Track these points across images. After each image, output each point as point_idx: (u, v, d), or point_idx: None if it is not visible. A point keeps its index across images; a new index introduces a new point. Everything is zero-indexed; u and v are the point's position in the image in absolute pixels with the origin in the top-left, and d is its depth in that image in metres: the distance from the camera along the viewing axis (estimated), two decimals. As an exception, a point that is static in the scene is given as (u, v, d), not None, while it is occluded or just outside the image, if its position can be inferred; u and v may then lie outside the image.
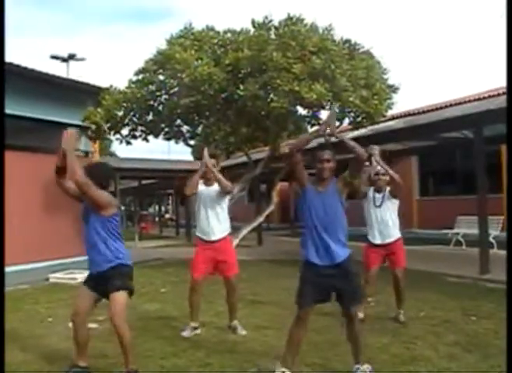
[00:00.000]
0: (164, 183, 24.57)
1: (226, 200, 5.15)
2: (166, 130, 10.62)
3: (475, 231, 9.15)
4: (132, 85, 9.84)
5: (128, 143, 10.56)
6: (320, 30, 9.11)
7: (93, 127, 9.83)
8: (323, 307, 3.94)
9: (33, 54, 56.17)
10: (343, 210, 3.68)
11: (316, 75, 8.37)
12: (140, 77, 9.91)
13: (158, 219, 30.13)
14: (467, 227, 11.94)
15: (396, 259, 5.33)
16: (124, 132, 10.44)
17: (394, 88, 9.84)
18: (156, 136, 10.63)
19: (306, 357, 4.11)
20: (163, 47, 9.64)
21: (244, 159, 11.85)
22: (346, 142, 3.60)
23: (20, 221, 8.37)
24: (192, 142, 11.14)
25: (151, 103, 10.03)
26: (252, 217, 11.89)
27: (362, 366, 3.63)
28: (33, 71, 8.73)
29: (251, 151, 12.54)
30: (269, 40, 8.78)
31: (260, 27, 9.08)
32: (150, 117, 10.25)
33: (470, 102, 12.63)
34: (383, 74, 9.72)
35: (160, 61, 9.52)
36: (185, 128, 10.88)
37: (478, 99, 12.51)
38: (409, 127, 10.28)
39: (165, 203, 41.99)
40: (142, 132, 10.53)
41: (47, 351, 4.43)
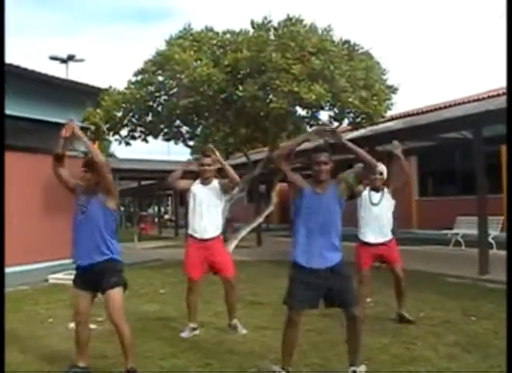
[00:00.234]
0: (163, 183, 24.58)
1: (223, 199, 5.14)
2: (166, 130, 10.62)
3: (475, 231, 9.16)
4: (131, 86, 9.85)
5: (127, 144, 10.56)
6: (319, 31, 9.13)
7: (92, 127, 9.83)
8: (323, 307, 3.93)
9: (32, 54, 56.25)
10: (340, 213, 3.65)
11: (315, 76, 8.38)
12: (139, 78, 9.92)
13: (157, 220, 30.10)
14: (466, 227, 11.94)
15: (392, 258, 5.29)
16: (124, 133, 10.45)
17: (393, 89, 9.85)
18: (155, 137, 10.63)
19: (306, 357, 4.11)
20: (162, 47, 9.65)
21: (243, 160, 11.86)
22: (355, 151, 3.55)
23: (20, 221, 8.37)
24: (191, 143, 11.14)
25: (150, 104, 10.03)
26: (251, 218, 11.89)
27: (357, 368, 3.61)
28: (32, 72, 8.73)
29: (250, 152, 12.54)
30: (268, 41, 8.80)
31: (259, 28, 9.09)
32: (149, 118, 10.26)
33: (469, 102, 12.65)
34: (382, 75, 9.73)
35: (159, 62, 9.52)
36: (184, 129, 10.88)
37: (478, 100, 12.52)
38: (409, 128, 10.29)
39: (164, 204, 41.99)
40: (142, 133, 10.53)
41: (47, 352, 4.43)
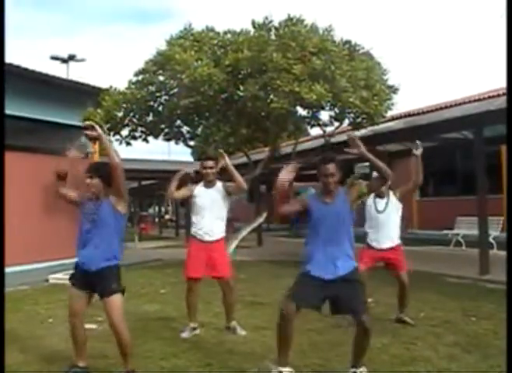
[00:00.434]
0: (164, 183, 24.54)
1: (228, 201, 5.11)
2: (166, 130, 10.61)
3: (475, 231, 9.16)
4: (132, 86, 9.84)
5: (128, 144, 10.55)
6: (320, 31, 9.12)
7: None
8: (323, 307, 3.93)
9: (33, 54, 56.22)
10: (351, 221, 3.62)
11: (316, 76, 8.38)
12: (140, 78, 9.91)
13: (158, 220, 30.10)
14: (467, 227, 11.94)
15: (399, 265, 5.25)
16: (124, 133, 10.43)
17: (394, 89, 9.85)
18: (155, 137, 10.62)
19: (306, 357, 4.11)
20: (162, 47, 9.64)
21: (244, 160, 11.85)
22: (374, 161, 3.49)
23: (20, 221, 8.37)
24: (192, 143, 11.13)
25: (151, 104, 10.03)
26: (252, 218, 11.89)
27: (358, 369, 3.59)
28: (33, 72, 8.74)
29: (251, 152, 12.54)
30: (269, 41, 8.79)
31: (260, 28, 9.09)
32: (150, 118, 10.25)
33: (470, 102, 12.62)
34: (383, 75, 9.73)
35: (160, 62, 9.52)
36: (185, 129, 10.87)
37: (478, 100, 12.50)
38: (409, 128, 10.29)
39: (165, 204, 41.97)
40: (142, 133, 10.52)
41: (47, 352, 4.42)
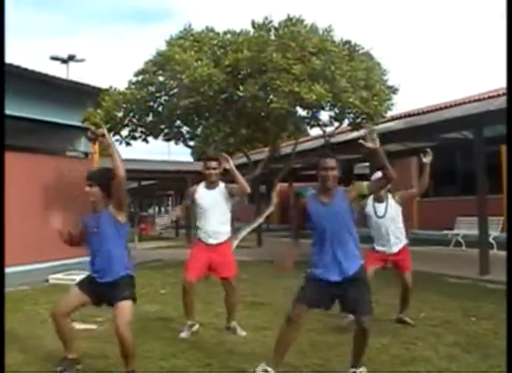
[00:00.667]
0: (164, 184, 24.55)
1: (230, 203, 5.09)
2: (166, 131, 10.61)
3: (475, 231, 9.16)
4: (132, 86, 9.83)
5: (128, 144, 10.55)
6: (320, 31, 9.11)
7: (93, 128, 9.83)
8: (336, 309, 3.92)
9: (32, 55, 56.22)
10: (353, 220, 3.55)
11: (316, 76, 8.38)
12: (140, 78, 9.91)
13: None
14: (467, 228, 11.94)
15: (404, 264, 5.23)
16: (124, 133, 10.42)
17: (393, 89, 9.84)
18: (155, 137, 10.62)
19: (306, 357, 4.11)
20: (162, 48, 9.63)
21: (244, 160, 11.85)
22: (384, 160, 3.39)
23: (20, 221, 8.37)
24: (192, 143, 11.14)
25: (151, 104, 10.02)
26: (252, 218, 11.89)
27: (358, 369, 3.59)
28: (32, 72, 8.73)
29: (251, 152, 12.54)
30: (269, 41, 8.79)
31: (260, 28, 9.09)
32: (150, 118, 10.24)
33: (470, 102, 12.62)
34: (383, 75, 9.72)
35: (160, 62, 9.51)
36: (185, 129, 10.87)
37: (478, 100, 12.50)
38: (409, 128, 10.29)
39: (165, 204, 42.01)
40: (142, 133, 10.52)
41: (47, 352, 4.41)
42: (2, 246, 6.40)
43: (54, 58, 23.67)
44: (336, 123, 10.31)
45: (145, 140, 10.68)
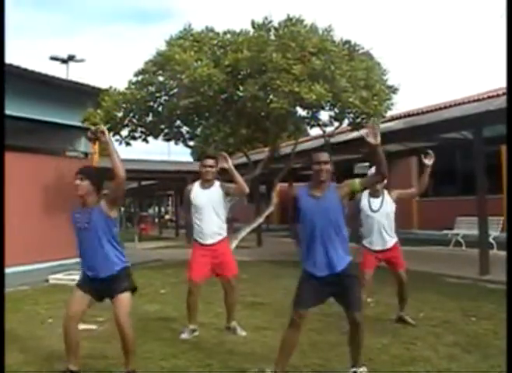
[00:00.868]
0: (164, 184, 24.54)
1: (226, 202, 5.07)
2: (166, 131, 10.61)
3: (475, 231, 9.16)
4: (132, 86, 9.83)
5: (128, 144, 10.55)
6: (319, 31, 9.11)
7: (93, 128, 9.82)
8: (324, 307, 3.93)
9: (32, 55, 56.26)
10: (343, 216, 3.55)
11: (316, 76, 8.37)
12: (140, 78, 9.90)
13: (157, 220, 30.10)
14: (467, 228, 11.95)
15: (397, 262, 5.25)
16: (124, 133, 10.42)
17: (393, 89, 9.84)
18: (155, 137, 10.62)
19: (306, 357, 4.11)
20: (162, 48, 9.63)
21: (244, 160, 11.85)
22: (381, 156, 3.38)
23: (20, 221, 8.38)
24: (192, 143, 11.13)
25: (150, 104, 10.02)
26: (252, 218, 11.89)
27: (358, 369, 3.60)
28: (32, 72, 8.74)
29: (251, 152, 12.54)
30: (269, 41, 8.79)
31: (259, 28, 9.08)
32: (150, 118, 10.24)
33: (470, 102, 12.63)
34: (382, 75, 9.72)
35: (160, 62, 9.51)
36: (185, 129, 10.87)
37: (478, 100, 12.50)
38: (409, 128, 10.29)
39: (164, 205, 42.01)
40: (142, 133, 10.52)
41: (47, 352, 4.42)
42: (2, 246, 6.40)
43: (53, 58, 23.65)
44: (336, 123, 10.30)
45: (145, 140, 10.69)
